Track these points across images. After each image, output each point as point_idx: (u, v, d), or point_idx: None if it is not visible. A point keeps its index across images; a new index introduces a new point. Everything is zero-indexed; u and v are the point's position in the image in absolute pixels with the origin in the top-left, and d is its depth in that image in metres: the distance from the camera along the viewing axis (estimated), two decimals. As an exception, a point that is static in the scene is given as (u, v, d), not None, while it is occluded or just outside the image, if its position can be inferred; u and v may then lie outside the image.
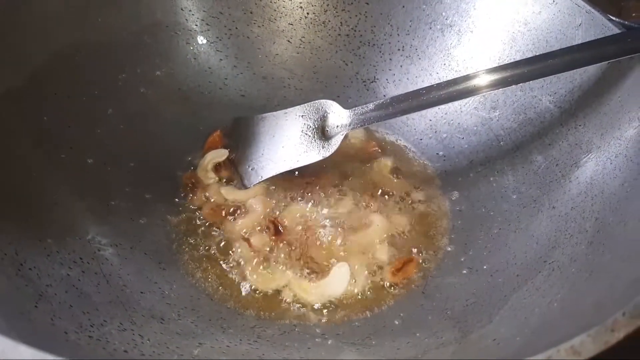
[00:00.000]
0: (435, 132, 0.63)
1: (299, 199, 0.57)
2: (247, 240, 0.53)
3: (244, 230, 0.54)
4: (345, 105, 0.57)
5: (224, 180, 0.60)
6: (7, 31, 0.50)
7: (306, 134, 0.57)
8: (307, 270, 0.52)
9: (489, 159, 0.59)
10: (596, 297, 0.38)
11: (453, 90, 0.51)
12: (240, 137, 0.62)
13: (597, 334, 0.28)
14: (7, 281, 0.38)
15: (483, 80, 0.50)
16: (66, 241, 0.46)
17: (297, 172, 0.59)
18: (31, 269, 0.40)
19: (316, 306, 0.49)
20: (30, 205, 0.46)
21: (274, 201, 0.57)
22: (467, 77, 0.51)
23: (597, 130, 0.50)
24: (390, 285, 0.51)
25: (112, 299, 0.43)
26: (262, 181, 0.58)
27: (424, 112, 0.63)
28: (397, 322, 0.47)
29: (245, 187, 0.58)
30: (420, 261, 0.53)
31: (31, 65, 0.52)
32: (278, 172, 0.57)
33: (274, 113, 0.61)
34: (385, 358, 0.42)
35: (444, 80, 0.62)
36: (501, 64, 0.59)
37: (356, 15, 0.65)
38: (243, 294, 0.50)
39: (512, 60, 0.57)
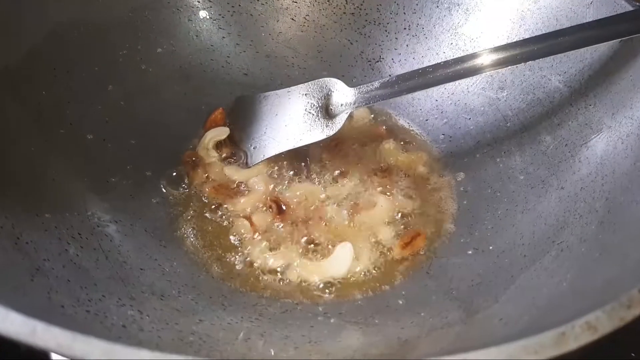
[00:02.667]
0: (442, 112, 0.62)
1: (303, 178, 0.57)
2: (249, 218, 0.52)
3: (246, 209, 0.53)
4: (350, 85, 0.56)
5: (225, 158, 0.59)
6: (4, 7, 0.49)
7: (310, 112, 0.56)
8: (310, 250, 0.51)
9: (496, 139, 0.57)
10: (606, 277, 0.37)
11: (460, 68, 0.50)
12: (242, 115, 0.61)
13: (613, 310, 0.27)
14: (3, 254, 0.37)
15: (491, 58, 0.49)
16: (65, 216, 0.45)
17: (300, 151, 0.58)
18: (28, 242, 0.40)
19: (319, 285, 0.48)
20: (28, 180, 0.45)
21: (277, 180, 0.56)
22: (474, 55, 0.50)
23: (608, 109, 0.49)
24: (394, 264, 0.50)
25: (111, 275, 0.42)
26: (265, 160, 0.57)
27: (430, 92, 0.62)
28: (400, 302, 0.46)
29: (247, 166, 0.57)
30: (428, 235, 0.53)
31: (29, 41, 0.51)
32: (281, 151, 0.56)
33: (277, 91, 0.60)
34: (389, 337, 0.41)
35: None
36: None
37: (362, -7, 0.63)
38: (244, 272, 0.49)
39: (521, 39, 0.56)
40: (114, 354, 0.23)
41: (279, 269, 0.50)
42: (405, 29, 0.64)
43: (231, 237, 0.52)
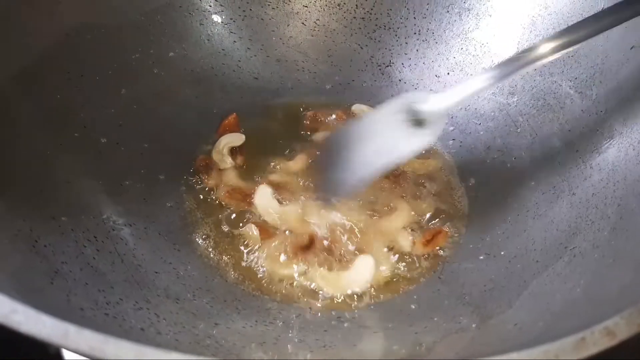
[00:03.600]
0: (452, 117, 0.62)
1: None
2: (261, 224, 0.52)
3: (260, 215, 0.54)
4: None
5: (240, 165, 0.58)
6: (19, 10, 0.49)
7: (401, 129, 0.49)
8: (328, 258, 0.51)
9: (506, 145, 0.58)
10: (620, 283, 0.37)
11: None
12: (328, 154, 0.55)
13: (631, 316, 0.28)
14: (22, 257, 0.38)
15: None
16: (80, 220, 0.45)
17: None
18: (46, 245, 0.40)
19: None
20: (44, 184, 0.46)
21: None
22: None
23: (619, 116, 0.49)
24: (410, 269, 0.51)
25: (127, 278, 0.42)
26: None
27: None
28: (413, 307, 0.46)
29: (339, 200, 0.54)
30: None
31: (43, 45, 0.51)
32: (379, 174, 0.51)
33: (357, 123, 0.55)
34: (403, 341, 0.41)
35: (461, 65, 0.62)
36: (520, 48, 0.58)
37: (372, -2, 0.64)
38: (258, 276, 0.49)
39: (531, 45, 0.56)
40: (146, 356, 0.23)
41: (294, 274, 0.50)
42: (415, 33, 0.64)
43: (244, 242, 0.52)
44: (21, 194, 0.43)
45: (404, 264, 0.51)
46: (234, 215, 0.54)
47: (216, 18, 0.64)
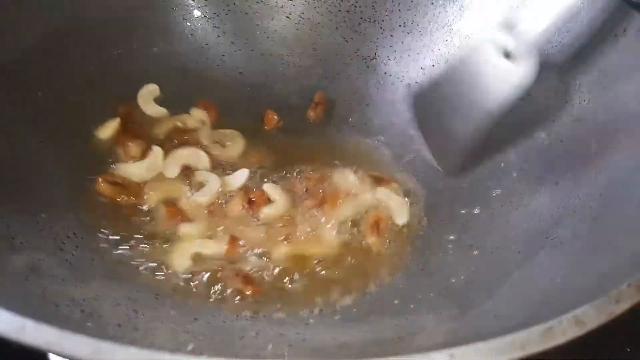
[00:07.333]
0: (437, 109, 0.62)
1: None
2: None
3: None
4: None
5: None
6: (2, 7, 0.49)
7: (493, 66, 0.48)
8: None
9: (490, 136, 0.57)
10: (600, 272, 0.37)
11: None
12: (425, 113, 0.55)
13: (602, 305, 0.27)
14: (-3, 255, 0.38)
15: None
16: (60, 216, 0.45)
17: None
18: (22, 242, 0.40)
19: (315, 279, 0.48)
20: (23, 181, 0.46)
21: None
22: None
23: (602, 105, 0.49)
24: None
25: (106, 274, 0.42)
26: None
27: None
28: (395, 299, 0.46)
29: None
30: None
31: (24, 41, 0.51)
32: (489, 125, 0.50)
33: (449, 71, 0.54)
34: (384, 334, 0.41)
35: (445, 57, 0.62)
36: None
37: (357, -9, 0.63)
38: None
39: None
40: (103, 352, 0.23)
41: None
42: (400, 26, 0.64)
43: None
44: None
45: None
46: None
47: (199, 12, 0.63)
